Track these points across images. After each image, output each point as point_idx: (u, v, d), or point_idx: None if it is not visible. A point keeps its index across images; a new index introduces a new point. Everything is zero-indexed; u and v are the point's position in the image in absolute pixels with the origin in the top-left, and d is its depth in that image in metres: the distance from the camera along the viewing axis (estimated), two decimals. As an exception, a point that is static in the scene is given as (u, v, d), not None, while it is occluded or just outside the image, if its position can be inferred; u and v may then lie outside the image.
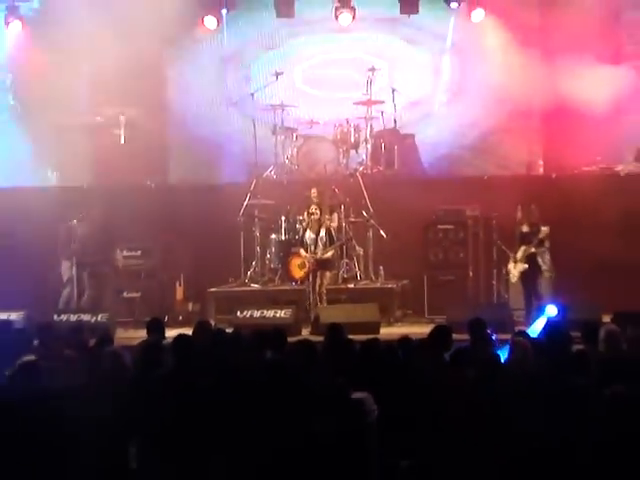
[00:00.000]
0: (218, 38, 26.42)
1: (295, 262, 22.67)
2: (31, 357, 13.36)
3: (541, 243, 21.59)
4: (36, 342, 14.50)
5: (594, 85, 23.80)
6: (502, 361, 13.84)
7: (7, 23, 24.90)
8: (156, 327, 14.70)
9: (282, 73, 24.98)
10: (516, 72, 24.67)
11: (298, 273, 22.56)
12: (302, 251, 22.51)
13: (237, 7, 25.91)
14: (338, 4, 25.11)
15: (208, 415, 11.28)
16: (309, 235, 22.72)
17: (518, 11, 24.85)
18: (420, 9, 25.27)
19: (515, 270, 21.76)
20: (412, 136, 25.83)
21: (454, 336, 14.47)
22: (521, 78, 24.57)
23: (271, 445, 10.79)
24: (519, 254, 21.64)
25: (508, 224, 22.45)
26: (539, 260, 21.59)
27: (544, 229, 21.41)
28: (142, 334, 15.48)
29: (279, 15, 25.73)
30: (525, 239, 21.60)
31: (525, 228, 21.60)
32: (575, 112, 23.99)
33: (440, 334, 14.50)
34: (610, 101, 23.81)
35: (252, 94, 24.73)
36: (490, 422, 12.17)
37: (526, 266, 21.54)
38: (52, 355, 13.97)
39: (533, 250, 21.51)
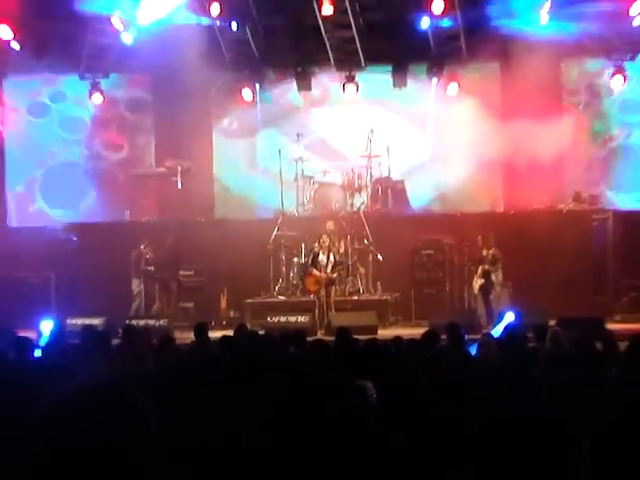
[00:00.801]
0: (253, 105, 26.54)
1: (311, 279, 22.70)
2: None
3: (493, 263, 21.68)
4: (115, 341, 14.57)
5: (542, 141, 23.81)
6: (472, 356, 13.95)
7: (90, 95, 25.03)
8: (200, 331, 14.80)
9: (302, 135, 25.11)
10: (482, 133, 24.72)
11: (313, 288, 22.54)
12: (315, 271, 22.54)
13: (268, 83, 25.94)
14: (345, 80, 25.23)
15: (245, 392, 11.34)
16: (322, 258, 22.77)
17: (484, 85, 24.88)
18: (408, 83, 25.37)
19: (476, 284, 21.92)
20: (402, 182, 25.88)
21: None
22: (486, 137, 24.61)
23: (293, 420, 10.84)
24: (479, 272, 21.79)
25: (475, 250, 22.54)
26: (492, 277, 21.69)
27: (491, 252, 21.58)
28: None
29: (299, 89, 25.85)
30: (483, 260, 21.75)
31: (484, 252, 21.75)
32: (528, 163, 24.03)
33: (431, 336, 14.55)
34: (554, 154, 23.83)
35: (279, 150, 24.70)
36: (464, 402, 12.23)
37: (483, 281, 21.70)
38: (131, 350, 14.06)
39: (487, 268, 21.64)
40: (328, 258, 22.65)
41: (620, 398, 7.24)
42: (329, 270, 22.50)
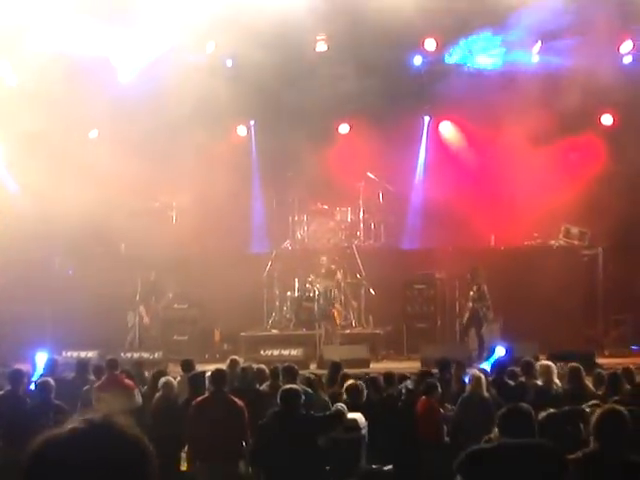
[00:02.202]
0: (247, 140, 26.68)
1: (332, 310, 22.92)
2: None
3: (481, 299, 21.75)
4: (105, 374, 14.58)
5: (531, 177, 23.95)
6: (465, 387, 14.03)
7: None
8: (188, 365, 14.88)
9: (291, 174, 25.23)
10: (471, 169, 24.87)
11: (337, 318, 22.85)
12: (335, 303, 22.85)
13: (261, 120, 25.98)
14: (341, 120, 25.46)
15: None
16: (316, 292, 22.92)
17: (473, 123, 25.00)
18: (402, 120, 25.38)
19: (465, 320, 21.99)
20: (394, 216, 25.98)
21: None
22: (476, 174, 24.73)
23: (284, 452, 10.86)
24: (467, 307, 21.91)
25: (467, 284, 22.60)
26: (480, 312, 21.72)
27: (476, 288, 21.68)
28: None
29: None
30: (470, 296, 21.83)
31: (473, 287, 21.82)
32: (519, 201, 24.12)
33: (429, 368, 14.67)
34: (542, 189, 23.94)
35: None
36: (453, 435, 12.24)
37: (471, 316, 21.77)
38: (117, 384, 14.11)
39: (474, 305, 21.72)
40: (323, 291, 22.92)
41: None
42: (323, 303, 22.75)
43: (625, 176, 23.28)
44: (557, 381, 13.91)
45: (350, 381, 13.73)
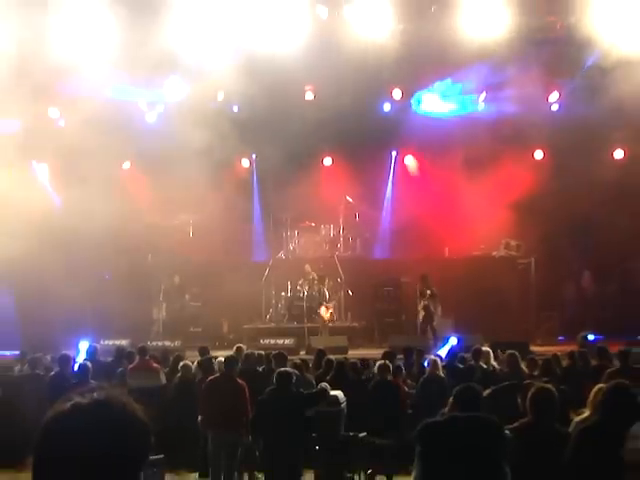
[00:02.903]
0: (249, 170, 26.65)
1: (320, 309, 22.96)
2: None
3: (432, 298, 21.78)
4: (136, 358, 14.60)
5: (477, 200, 24.02)
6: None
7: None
8: (204, 351, 14.87)
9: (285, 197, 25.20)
10: (429, 193, 24.92)
11: (326, 317, 22.89)
12: (324, 303, 22.87)
13: (261, 154, 25.89)
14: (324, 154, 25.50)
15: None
16: (305, 293, 22.96)
17: (431, 156, 25.07)
18: (374, 154, 25.37)
19: (420, 315, 21.97)
20: (368, 232, 26.05)
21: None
22: (433, 197, 24.76)
23: (278, 422, 10.89)
24: (420, 306, 21.87)
25: (419, 289, 22.68)
26: (431, 308, 21.75)
27: (428, 291, 21.78)
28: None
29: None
30: (424, 296, 21.80)
31: (427, 290, 21.81)
32: (467, 219, 24.19)
33: (390, 355, 14.68)
34: (486, 210, 24.00)
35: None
36: (415, 406, 12.26)
37: (423, 313, 21.78)
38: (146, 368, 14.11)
39: (426, 302, 21.73)
40: (310, 292, 22.96)
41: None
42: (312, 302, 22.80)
43: (552, 199, 23.35)
44: (494, 363, 14.01)
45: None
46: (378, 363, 13.23)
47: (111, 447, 2.61)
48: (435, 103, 24.97)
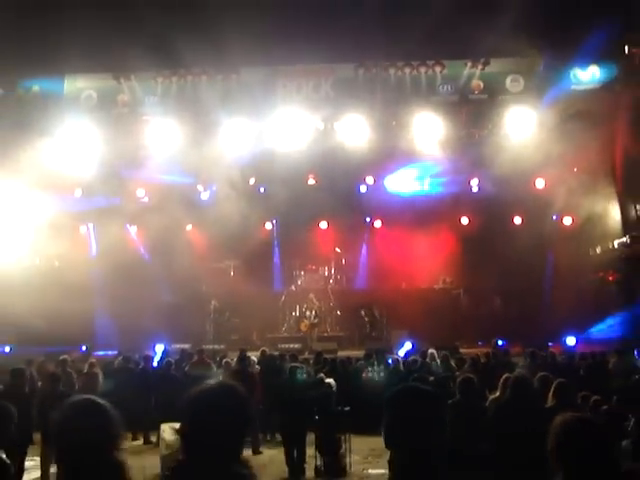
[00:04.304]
0: (272, 231, 26.41)
1: (302, 324, 22.78)
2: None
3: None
4: (195, 357, 14.58)
5: (424, 251, 24.10)
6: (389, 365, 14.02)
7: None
8: (243, 354, 14.81)
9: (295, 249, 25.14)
10: (393, 247, 24.94)
11: (304, 328, 22.66)
12: (305, 320, 22.68)
13: (280, 220, 25.91)
14: (321, 220, 25.47)
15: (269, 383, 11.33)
16: (307, 313, 22.90)
17: (394, 222, 24.96)
18: (355, 220, 25.14)
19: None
20: (350, 271, 26.02)
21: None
22: (395, 249, 24.73)
23: (290, 399, 10.86)
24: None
25: (387, 309, 22.79)
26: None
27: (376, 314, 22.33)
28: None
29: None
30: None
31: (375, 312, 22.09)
32: (418, 263, 24.22)
33: (367, 355, 14.64)
34: (430, 257, 24.04)
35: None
36: (380, 390, 12.21)
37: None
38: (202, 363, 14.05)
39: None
40: (311, 313, 22.85)
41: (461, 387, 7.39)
42: (312, 319, 22.67)
43: (473, 252, 23.45)
44: (438, 361, 13.97)
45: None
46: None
47: (236, 415, 2.80)
48: (397, 185, 25.11)
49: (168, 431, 9.39)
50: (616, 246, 21.90)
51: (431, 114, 19.73)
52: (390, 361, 14.43)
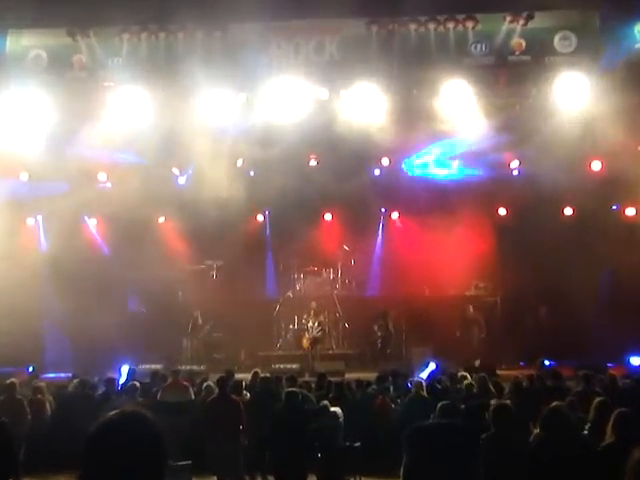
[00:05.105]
0: (263, 224, 26.69)
1: (302, 339, 22.83)
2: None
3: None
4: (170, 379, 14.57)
5: (453, 249, 24.10)
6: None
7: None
8: (228, 374, 14.81)
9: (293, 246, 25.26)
10: (413, 244, 24.96)
11: (304, 344, 22.71)
12: (306, 334, 22.72)
13: (273, 210, 26.02)
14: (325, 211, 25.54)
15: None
16: (309, 325, 22.93)
17: (414, 213, 25.11)
18: (366, 211, 25.40)
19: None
20: (361, 274, 26.00)
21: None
22: (415, 247, 24.77)
23: (287, 433, 10.85)
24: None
25: (406, 321, 22.78)
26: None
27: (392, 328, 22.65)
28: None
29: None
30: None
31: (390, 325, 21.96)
32: (445, 265, 24.19)
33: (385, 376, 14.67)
34: (460, 258, 24.02)
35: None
36: (397, 423, 12.21)
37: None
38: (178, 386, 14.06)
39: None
40: (313, 325, 22.87)
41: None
42: (314, 332, 22.69)
43: (513, 248, 23.45)
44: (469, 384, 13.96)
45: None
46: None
47: (141, 452, 2.70)
48: (418, 168, 25.13)
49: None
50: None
51: (461, 80, 19.64)
52: (410, 385, 14.41)
